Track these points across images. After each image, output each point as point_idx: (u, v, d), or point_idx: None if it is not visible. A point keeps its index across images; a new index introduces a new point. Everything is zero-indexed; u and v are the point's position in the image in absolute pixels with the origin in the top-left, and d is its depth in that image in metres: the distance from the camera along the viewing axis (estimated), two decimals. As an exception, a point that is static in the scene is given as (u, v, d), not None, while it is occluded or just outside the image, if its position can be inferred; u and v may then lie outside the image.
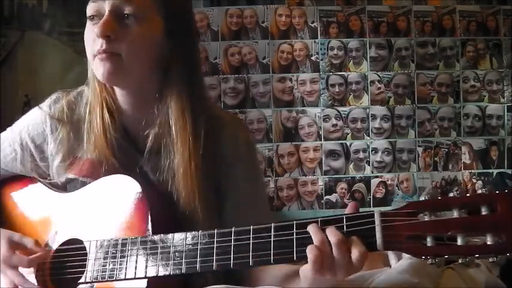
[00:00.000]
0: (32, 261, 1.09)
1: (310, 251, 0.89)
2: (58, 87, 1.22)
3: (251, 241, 0.93)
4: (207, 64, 2.85)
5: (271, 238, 0.92)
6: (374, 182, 2.89)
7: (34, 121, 1.23)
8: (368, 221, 0.87)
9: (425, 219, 0.84)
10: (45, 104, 1.24)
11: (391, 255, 1.27)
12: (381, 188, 2.89)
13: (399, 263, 1.20)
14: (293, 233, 0.91)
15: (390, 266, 1.24)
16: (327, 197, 2.87)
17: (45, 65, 2.66)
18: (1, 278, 1.11)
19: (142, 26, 1.07)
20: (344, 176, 2.89)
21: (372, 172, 2.89)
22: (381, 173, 2.89)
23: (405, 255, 1.28)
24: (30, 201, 1.24)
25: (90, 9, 1.09)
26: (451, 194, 0.86)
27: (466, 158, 2.91)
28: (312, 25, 2.89)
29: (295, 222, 0.92)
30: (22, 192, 1.26)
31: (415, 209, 0.85)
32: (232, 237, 0.95)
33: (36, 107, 1.25)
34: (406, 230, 0.84)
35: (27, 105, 2.55)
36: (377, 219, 0.86)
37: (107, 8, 1.06)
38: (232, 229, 0.96)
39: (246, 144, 1.20)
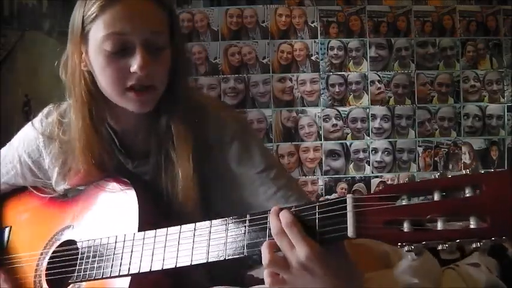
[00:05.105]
0: None
1: (263, 248, 0.86)
2: (58, 87, 1.22)
3: (227, 233, 0.91)
4: (207, 64, 2.85)
5: (245, 229, 0.89)
6: (374, 182, 2.88)
7: (28, 137, 1.27)
8: (340, 207, 0.81)
9: (403, 204, 0.77)
10: (37, 120, 1.26)
11: (392, 255, 1.26)
12: (380, 188, 2.88)
13: (399, 263, 1.19)
14: (267, 222, 0.87)
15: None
16: (327, 197, 2.86)
17: (45, 65, 2.65)
18: None
19: (166, 55, 1.09)
20: (344, 176, 2.88)
21: (372, 172, 2.89)
22: (381, 173, 2.89)
23: (406, 255, 1.27)
24: (32, 210, 1.29)
25: (115, 44, 1.04)
26: (432, 176, 0.77)
27: (466, 158, 2.90)
28: (312, 25, 2.89)
29: (269, 211, 0.87)
30: (24, 202, 1.31)
31: (391, 193, 0.77)
32: (211, 229, 0.94)
33: (29, 122, 1.28)
34: (381, 216, 0.77)
35: (27, 105, 2.55)
36: (349, 204, 0.80)
37: (137, 42, 1.04)
38: (210, 222, 0.94)
39: (231, 126, 1.16)
